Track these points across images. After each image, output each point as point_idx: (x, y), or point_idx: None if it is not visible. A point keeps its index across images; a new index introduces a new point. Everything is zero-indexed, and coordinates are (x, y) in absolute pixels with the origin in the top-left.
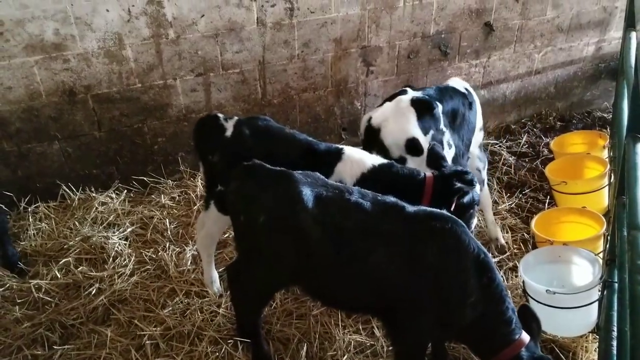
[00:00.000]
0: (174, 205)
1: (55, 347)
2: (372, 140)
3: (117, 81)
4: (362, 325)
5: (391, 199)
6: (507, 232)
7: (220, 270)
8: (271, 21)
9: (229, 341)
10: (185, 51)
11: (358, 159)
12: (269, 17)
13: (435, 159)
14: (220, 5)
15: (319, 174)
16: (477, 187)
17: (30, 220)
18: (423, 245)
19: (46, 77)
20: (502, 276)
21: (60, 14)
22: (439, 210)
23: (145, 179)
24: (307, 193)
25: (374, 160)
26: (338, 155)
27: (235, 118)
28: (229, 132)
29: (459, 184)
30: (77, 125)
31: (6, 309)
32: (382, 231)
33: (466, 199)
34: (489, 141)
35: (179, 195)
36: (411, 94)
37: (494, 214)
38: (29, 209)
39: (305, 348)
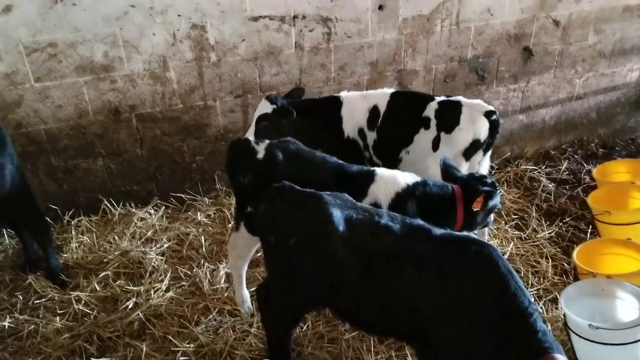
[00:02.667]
0: (209, 222)
1: (92, 359)
2: None
3: (160, 101)
4: (394, 352)
5: (419, 221)
6: (546, 261)
7: (251, 289)
8: (309, 45)
9: None
10: (226, 73)
11: (391, 179)
12: (306, 41)
13: (449, 170)
14: (261, 30)
15: (347, 196)
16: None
17: (73, 233)
18: (454, 269)
19: (94, 96)
20: (541, 307)
21: (110, 37)
22: (465, 233)
23: (182, 196)
24: (338, 215)
25: (407, 178)
26: (370, 176)
27: (267, 141)
28: (260, 155)
29: (484, 187)
30: (120, 143)
31: (47, 319)
32: (412, 254)
33: (493, 200)
34: (527, 167)
35: (214, 213)
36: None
37: (533, 241)
38: (72, 223)
39: None
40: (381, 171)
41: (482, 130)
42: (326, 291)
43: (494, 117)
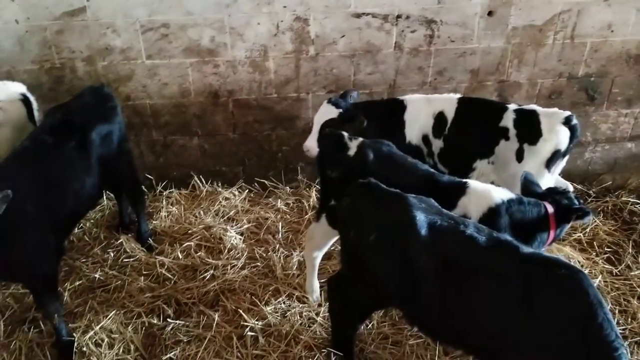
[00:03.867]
0: (287, 210)
1: (169, 320)
2: None
3: (256, 89)
4: None
5: (507, 237)
6: (638, 301)
7: (321, 281)
8: (409, 46)
9: (323, 350)
10: (321, 68)
11: (484, 193)
12: (407, 42)
13: (530, 186)
14: (362, 27)
15: (433, 201)
16: None
17: (164, 203)
18: (538, 291)
19: (197, 78)
20: (626, 347)
21: (218, 23)
22: (555, 256)
23: (266, 182)
24: (421, 219)
25: (502, 194)
26: (462, 188)
27: (360, 139)
28: (352, 152)
29: (575, 205)
30: (216, 125)
31: (133, 278)
32: (495, 269)
33: (586, 218)
34: (629, 199)
35: (293, 202)
36: None
37: (625, 278)
38: (164, 193)
39: None
40: (474, 184)
41: (563, 139)
42: (399, 293)
43: (573, 122)
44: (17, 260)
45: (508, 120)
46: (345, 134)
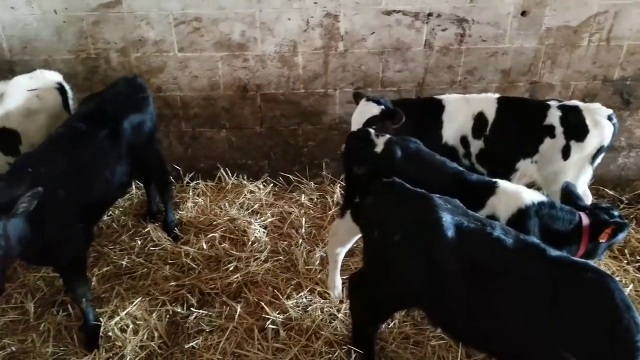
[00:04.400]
0: (311, 206)
1: (192, 309)
2: None
3: (284, 84)
4: None
5: (534, 239)
6: None
7: (344, 277)
8: (439, 45)
9: (343, 347)
10: (350, 64)
11: (515, 194)
12: (437, 40)
13: (570, 196)
14: (392, 24)
15: (458, 202)
16: None
17: (190, 194)
18: (565, 294)
19: (227, 72)
20: None
21: (249, 17)
22: (583, 260)
23: (290, 176)
24: (448, 220)
25: (533, 196)
26: (491, 188)
27: (387, 136)
28: (379, 149)
29: (614, 218)
30: (243, 119)
31: (158, 266)
32: (521, 272)
33: (622, 233)
34: None
35: (317, 198)
36: None
37: None
38: (191, 184)
39: None
40: (504, 184)
41: (608, 135)
42: (423, 294)
43: (614, 120)
44: (48, 243)
45: (553, 117)
46: (372, 130)
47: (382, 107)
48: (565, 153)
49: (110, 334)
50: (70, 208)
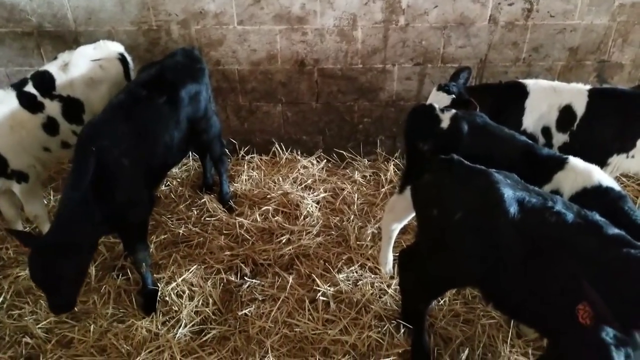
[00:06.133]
0: (364, 183)
1: (245, 278)
2: None
3: (342, 59)
4: (532, 350)
5: (595, 215)
6: None
7: (395, 254)
8: (504, 20)
9: (393, 321)
10: (410, 39)
11: (584, 172)
12: (503, 15)
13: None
14: None
15: (517, 177)
16: None
17: (245, 167)
18: (616, 271)
19: (285, 46)
20: None
21: None
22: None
23: (344, 153)
24: (510, 195)
25: (605, 179)
26: (561, 163)
27: (453, 111)
28: (444, 124)
29: None
30: (299, 94)
31: (214, 236)
32: (574, 246)
33: None
34: None
35: (370, 175)
36: None
37: None
38: (246, 158)
39: (466, 352)
40: (575, 161)
41: None
42: (482, 272)
43: None
44: (116, 209)
45: None
46: (437, 105)
47: (453, 96)
48: None
49: (167, 298)
50: (134, 172)
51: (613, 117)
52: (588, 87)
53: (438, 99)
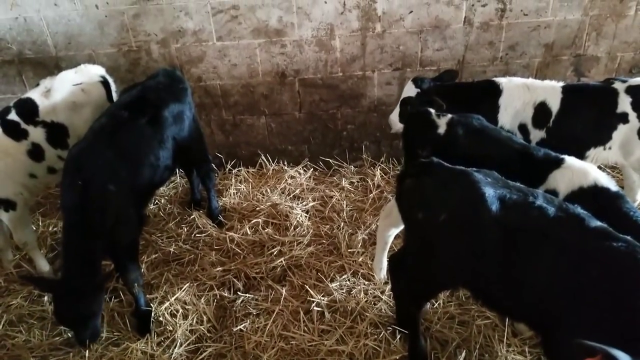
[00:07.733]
0: (352, 189)
1: (239, 293)
2: None
3: (322, 68)
4: (528, 348)
5: (577, 208)
6: None
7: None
8: (479, 21)
9: (388, 328)
10: (388, 45)
11: (580, 170)
12: (477, 16)
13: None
14: (430, 2)
15: (497, 174)
16: None
17: (233, 181)
18: (593, 264)
19: (265, 58)
20: None
21: (286, 3)
22: (624, 236)
23: (330, 160)
24: (491, 194)
25: (601, 178)
26: (557, 162)
27: (449, 115)
28: (441, 130)
29: None
30: (282, 104)
31: (205, 252)
32: (555, 239)
33: None
34: None
35: (357, 181)
36: None
37: None
38: (233, 172)
39: (464, 354)
40: (571, 160)
41: None
42: (469, 271)
43: None
44: (106, 232)
45: (625, 104)
46: (432, 110)
47: (418, 91)
48: None
49: (161, 318)
50: (122, 195)
51: (587, 112)
52: (562, 83)
53: (408, 89)
